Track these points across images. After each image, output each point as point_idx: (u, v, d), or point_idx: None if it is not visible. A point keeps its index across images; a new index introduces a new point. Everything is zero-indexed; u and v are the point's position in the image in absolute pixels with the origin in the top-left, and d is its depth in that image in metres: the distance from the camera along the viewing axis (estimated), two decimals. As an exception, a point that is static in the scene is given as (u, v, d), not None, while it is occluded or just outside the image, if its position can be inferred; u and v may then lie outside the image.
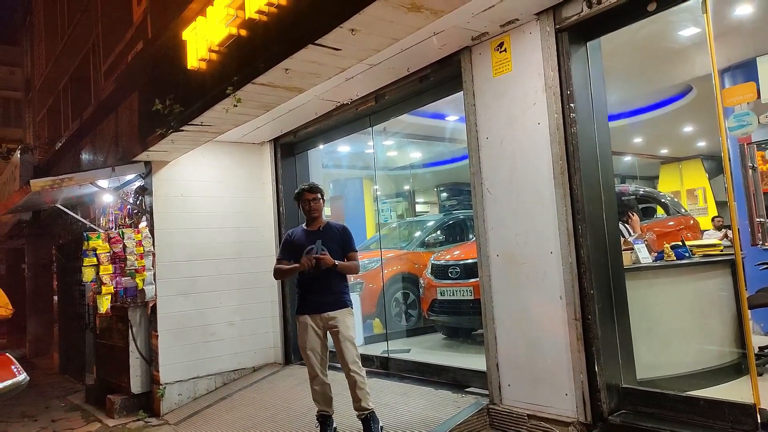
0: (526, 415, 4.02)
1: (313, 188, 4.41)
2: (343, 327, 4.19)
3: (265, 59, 4.14)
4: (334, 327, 4.19)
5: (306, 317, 4.26)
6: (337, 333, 4.19)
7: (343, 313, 4.24)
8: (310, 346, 4.23)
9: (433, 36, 4.21)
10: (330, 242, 4.29)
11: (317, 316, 4.23)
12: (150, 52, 6.40)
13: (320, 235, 4.32)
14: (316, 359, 4.23)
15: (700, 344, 4.46)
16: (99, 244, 6.40)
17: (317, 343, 4.24)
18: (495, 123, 4.30)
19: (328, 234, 4.35)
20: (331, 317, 4.20)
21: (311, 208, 4.36)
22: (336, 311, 4.22)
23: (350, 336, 4.20)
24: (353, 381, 4.13)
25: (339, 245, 4.32)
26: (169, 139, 5.58)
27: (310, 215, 4.39)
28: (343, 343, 4.16)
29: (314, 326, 4.23)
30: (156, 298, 6.25)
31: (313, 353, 4.23)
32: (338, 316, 4.21)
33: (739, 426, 3.23)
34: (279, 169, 7.03)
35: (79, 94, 10.18)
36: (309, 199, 4.36)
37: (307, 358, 4.25)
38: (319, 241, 4.27)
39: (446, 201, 13.09)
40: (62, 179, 6.17)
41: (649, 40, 5.24)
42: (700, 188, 13.50)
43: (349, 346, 4.16)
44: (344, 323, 4.21)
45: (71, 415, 6.88)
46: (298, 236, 4.41)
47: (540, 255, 3.98)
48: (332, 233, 4.36)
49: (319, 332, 4.25)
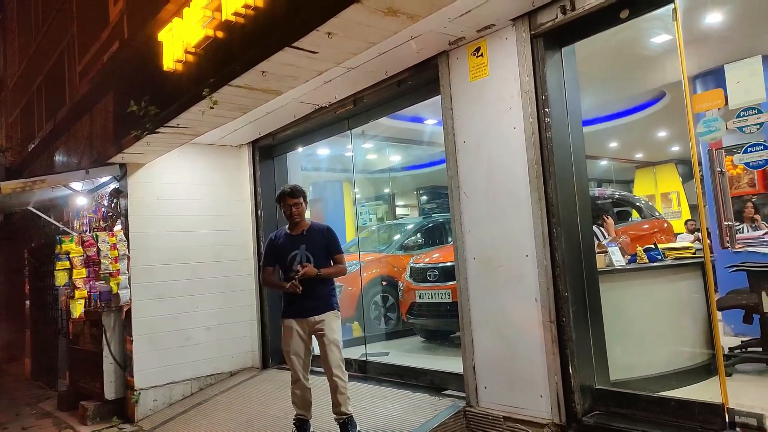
0: (502, 417, 4.05)
1: (295, 192, 4.28)
2: (329, 330, 4.15)
3: (241, 61, 4.12)
4: (320, 330, 4.15)
5: (292, 321, 4.20)
6: (322, 336, 4.14)
7: (329, 317, 4.20)
8: (294, 350, 4.18)
9: (411, 40, 4.24)
10: (314, 246, 4.23)
11: (303, 321, 4.18)
12: (126, 53, 6.32)
13: (303, 239, 4.26)
14: (299, 363, 4.18)
15: (672, 345, 4.54)
16: (72, 247, 6.29)
17: (301, 348, 4.19)
18: (472, 127, 4.33)
19: (312, 237, 4.28)
20: (318, 321, 4.16)
21: (292, 213, 4.27)
22: (322, 314, 4.17)
23: (335, 339, 4.16)
24: (335, 385, 4.10)
25: (323, 248, 4.27)
26: (144, 140, 5.51)
27: (292, 220, 4.30)
28: (328, 346, 4.12)
29: (300, 330, 4.18)
30: (131, 303, 6.16)
31: (297, 357, 4.18)
32: (325, 320, 4.17)
33: (708, 425, 3.29)
34: (257, 171, 7.00)
35: (54, 94, 10.00)
36: (290, 204, 4.25)
37: (290, 362, 4.20)
38: (303, 246, 4.21)
39: (426, 204, 13.14)
40: (34, 181, 6.05)
41: (623, 47, 5.34)
42: (674, 192, 13.79)
43: (334, 350, 4.13)
44: (330, 327, 4.17)
45: (43, 423, 6.73)
46: (282, 241, 4.33)
47: (516, 258, 4.02)
48: (316, 237, 4.29)
49: (304, 336, 4.20)
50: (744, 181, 6.23)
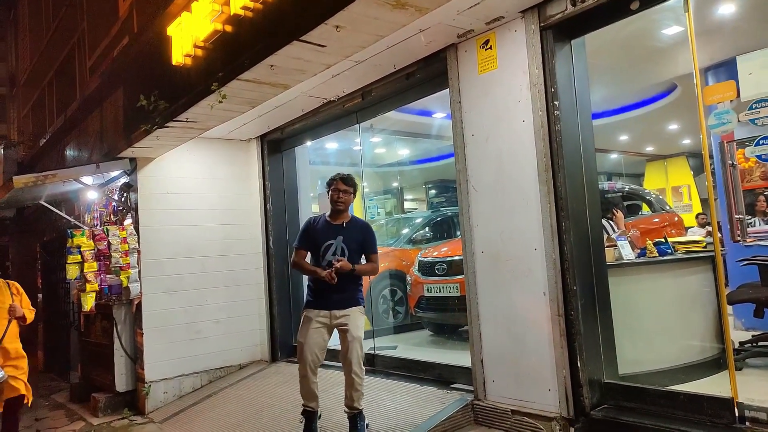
0: (510, 410, 4.06)
1: (348, 180, 4.25)
2: (353, 326, 4.10)
3: (250, 55, 4.12)
4: (344, 325, 4.10)
5: (314, 312, 4.14)
6: (346, 331, 4.08)
7: (354, 312, 4.15)
8: (310, 342, 4.10)
9: (419, 33, 4.22)
10: (351, 240, 4.19)
11: (327, 313, 4.12)
12: (135, 48, 6.35)
13: (342, 230, 4.20)
14: (311, 358, 4.09)
15: (681, 340, 4.52)
16: (83, 241, 6.34)
17: (318, 342, 4.11)
18: (480, 120, 4.32)
19: (351, 231, 4.22)
20: (342, 315, 4.11)
21: (339, 198, 4.20)
22: (347, 309, 4.12)
23: (359, 336, 4.11)
24: (352, 381, 4.06)
25: (359, 244, 4.22)
26: (154, 135, 5.54)
27: (336, 206, 4.23)
28: (351, 342, 4.06)
29: (321, 322, 4.12)
30: (141, 296, 6.22)
31: (310, 351, 4.09)
32: (350, 314, 4.12)
33: (718, 419, 3.28)
34: (266, 165, 7.01)
35: (64, 89, 10.07)
36: (340, 189, 4.21)
37: (302, 354, 4.12)
38: (341, 237, 4.17)
39: (434, 198, 13.12)
40: (46, 176, 6.11)
41: (633, 39, 5.29)
42: (685, 185, 13.66)
43: (357, 347, 4.07)
44: (354, 323, 4.12)
45: (55, 414, 6.82)
46: (320, 227, 4.26)
47: (524, 252, 4.01)
48: (354, 231, 4.24)
49: (324, 330, 4.14)
50: (756, 174, 6.16)
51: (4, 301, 4.53)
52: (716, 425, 3.27)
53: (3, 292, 4.58)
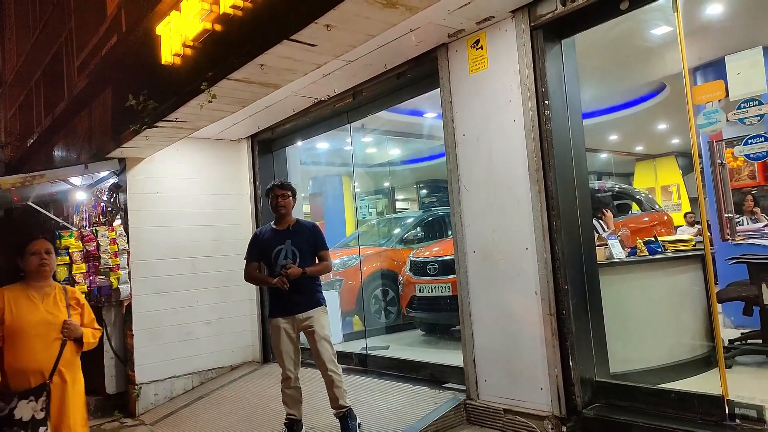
0: (502, 409, 4.06)
1: (284, 185, 4.33)
2: (318, 326, 4.16)
3: (240, 55, 4.10)
4: (310, 327, 4.15)
5: (279, 320, 4.19)
6: (312, 333, 4.14)
7: (317, 312, 4.20)
8: (283, 348, 4.17)
9: (410, 32, 4.22)
10: (300, 242, 4.23)
11: (291, 318, 4.17)
12: (124, 47, 6.29)
13: (289, 234, 4.25)
14: (289, 362, 4.18)
15: (672, 338, 4.55)
16: (72, 242, 6.27)
17: (290, 346, 4.18)
18: (471, 120, 4.32)
19: (298, 233, 4.27)
20: (306, 317, 4.16)
21: (278, 204, 4.26)
22: (310, 311, 4.17)
23: (326, 335, 4.17)
24: (330, 380, 4.10)
25: (310, 244, 4.26)
26: (143, 135, 5.50)
27: (278, 212, 4.29)
28: (319, 342, 4.12)
29: (287, 329, 4.17)
30: (131, 297, 6.17)
31: (287, 356, 4.18)
32: (313, 316, 4.17)
33: (708, 417, 3.30)
34: (256, 166, 6.98)
35: (52, 89, 9.97)
36: (278, 194, 4.27)
37: (281, 360, 4.21)
38: (289, 241, 4.21)
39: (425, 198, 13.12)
40: (33, 176, 6.04)
41: (623, 39, 5.32)
42: (674, 185, 13.77)
43: (326, 345, 4.14)
44: (319, 322, 4.18)
45: (44, 417, 6.75)
46: (267, 235, 4.32)
47: (516, 251, 4.02)
48: (302, 232, 4.28)
49: (293, 335, 4.19)
50: (744, 173, 6.22)
51: (56, 315, 3.17)
52: (707, 423, 3.29)
53: (56, 301, 3.22)
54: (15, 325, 3.04)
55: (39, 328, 3.08)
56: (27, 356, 3.03)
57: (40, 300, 3.17)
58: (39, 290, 3.21)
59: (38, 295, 3.19)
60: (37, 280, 3.22)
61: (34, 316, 3.10)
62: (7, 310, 3.06)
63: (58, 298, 3.24)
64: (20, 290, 3.17)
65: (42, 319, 3.10)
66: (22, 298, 3.13)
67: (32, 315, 3.09)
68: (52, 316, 3.15)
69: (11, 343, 3.03)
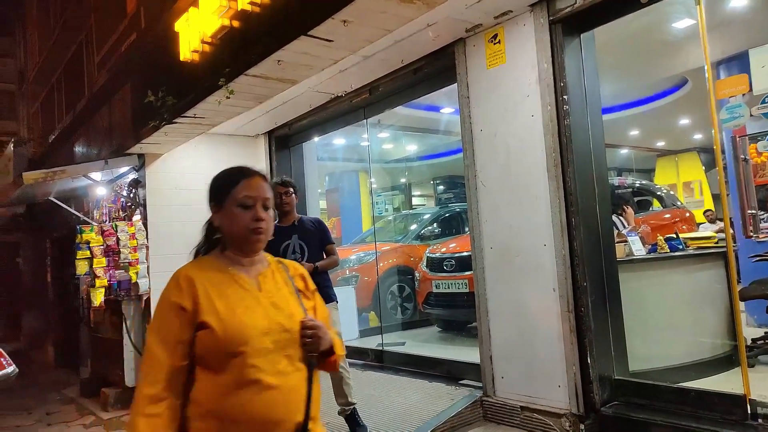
0: (519, 406, 4.04)
1: (286, 182, 4.30)
2: (330, 322, 4.14)
3: (257, 51, 4.11)
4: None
5: None
6: None
7: (329, 308, 4.19)
8: None
9: (427, 27, 4.19)
10: (307, 237, 4.19)
11: None
12: (143, 44, 6.36)
13: (295, 229, 4.22)
14: None
15: (692, 336, 4.48)
16: (92, 237, 6.38)
17: None
18: (489, 115, 4.29)
19: (304, 229, 4.24)
20: None
21: (283, 201, 4.21)
22: None
23: (337, 331, 4.16)
24: (339, 377, 4.06)
25: (316, 238, 4.24)
26: (162, 131, 5.55)
27: (282, 209, 4.24)
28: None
29: None
30: (150, 291, 6.24)
31: None
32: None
33: (729, 416, 3.24)
34: (274, 161, 7.01)
35: (73, 86, 10.12)
36: (281, 192, 4.21)
37: None
38: (295, 236, 4.19)
39: (442, 194, 13.08)
40: (55, 172, 6.14)
41: (644, 32, 5.22)
42: (696, 181, 13.55)
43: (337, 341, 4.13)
44: (330, 319, 4.16)
45: (66, 408, 6.88)
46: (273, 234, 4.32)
47: (533, 247, 3.98)
48: (307, 228, 4.25)
49: None
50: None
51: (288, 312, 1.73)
52: (728, 422, 3.24)
53: (278, 286, 1.79)
54: (226, 336, 1.58)
55: (267, 339, 1.62)
56: (254, 395, 1.57)
57: (255, 286, 1.72)
58: (249, 267, 1.76)
59: (249, 277, 1.73)
60: (248, 252, 1.76)
61: (255, 316, 1.64)
62: (206, 309, 1.61)
63: (278, 278, 1.80)
64: (218, 269, 1.72)
65: (271, 322, 1.65)
66: (226, 285, 1.68)
67: (252, 315, 1.64)
68: (283, 315, 1.69)
69: (220, 369, 1.58)
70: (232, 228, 1.73)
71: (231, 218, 1.73)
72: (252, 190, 1.75)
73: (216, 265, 1.74)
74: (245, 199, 1.73)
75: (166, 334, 1.61)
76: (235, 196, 1.73)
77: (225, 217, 1.75)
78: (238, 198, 1.73)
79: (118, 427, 5.75)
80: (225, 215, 1.75)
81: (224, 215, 1.75)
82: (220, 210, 1.77)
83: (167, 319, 1.62)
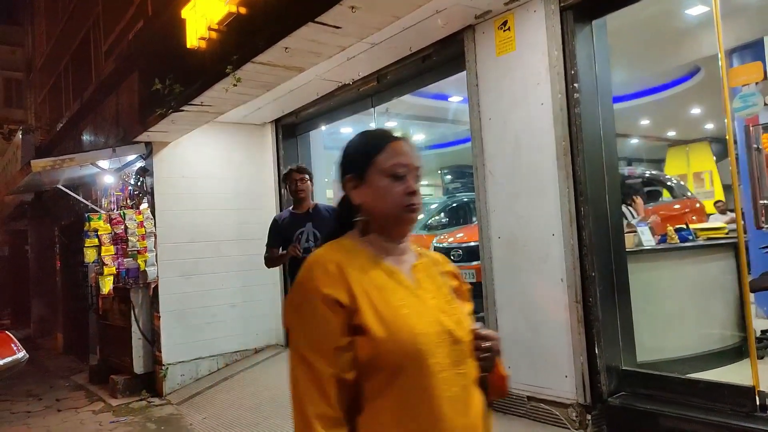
0: (526, 396, 4.03)
1: (301, 169, 4.32)
2: None
3: (264, 38, 4.08)
4: None
5: None
6: None
7: None
8: None
9: (436, 14, 4.14)
10: (321, 225, 4.20)
11: None
12: (150, 31, 6.33)
13: (310, 217, 4.23)
14: None
15: (701, 328, 4.45)
16: (100, 225, 6.39)
17: None
18: (498, 103, 4.24)
19: (319, 216, 4.25)
20: None
21: (298, 188, 4.25)
22: None
23: None
24: None
25: (330, 226, 4.24)
26: (169, 119, 5.54)
27: (297, 196, 4.28)
28: None
29: None
30: (158, 280, 6.27)
31: None
32: None
33: (739, 408, 3.22)
34: (280, 150, 7.00)
35: (80, 74, 10.11)
36: (296, 179, 4.25)
37: None
38: (310, 224, 4.20)
39: (449, 184, 13.04)
40: (63, 160, 6.15)
41: (656, 19, 5.15)
42: (707, 171, 13.42)
43: None
44: None
45: (75, 395, 6.95)
46: (287, 220, 4.30)
47: (542, 237, 3.95)
48: (322, 215, 4.26)
49: None
50: (781, 159, 6.00)
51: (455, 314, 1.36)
52: (737, 414, 3.21)
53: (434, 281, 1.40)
54: (394, 347, 1.23)
55: (440, 352, 1.27)
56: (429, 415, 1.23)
57: (411, 281, 1.36)
58: (399, 257, 1.40)
59: (403, 270, 1.37)
60: (397, 236, 1.40)
61: (423, 321, 1.29)
62: (364, 307, 1.26)
63: (434, 273, 1.43)
64: (366, 257, 1.35)
65: (441, 330, 1.30)
66: (383, 280, 1.32)
67: (419, 319, 1.28)
68: (452, 321, 1.34)
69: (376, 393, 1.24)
70: (379, 205, 1.34)
71: (377, 193, 1.34)
72: (403, 157, 1.37)
73: (362, 252, 1.34)
74: (396, 168, 1.35)
75: (320, 337, 1.22)
76: (382, 164, 1.35)
77: (368, 192, 1.36)
78: (386, 167, 1.35)
79: (126, 413, 5.80)
80: (368, 189, 1.36)
81: (367, 190, 1.36)
82: (360, 184, 1.37)
83: (317, 318, 1.22)
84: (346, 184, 1.41)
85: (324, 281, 1.24)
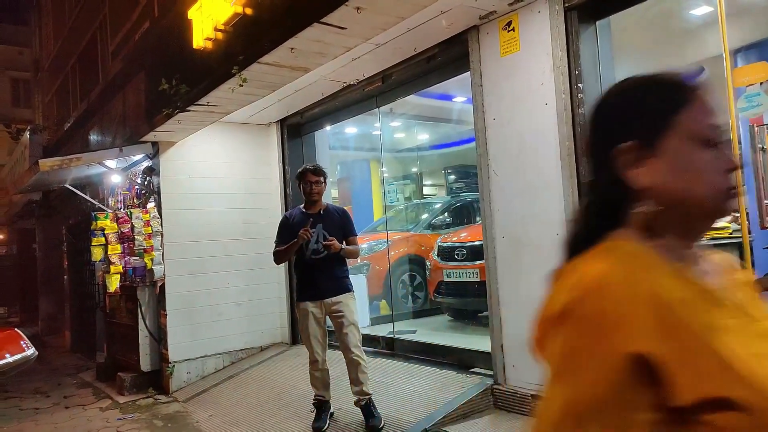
0: (530, 395, 4.05)
1: (318, 170, 4.31)
2: (348, 312, 4.18)
3: (270, 38, 4.12)
4: (339, 312, 4.17)
5: (307, 304, 4.22)
6: (341, 318, 4.16)
7: (346, 298, 4.22)
8: (312, 333, 4.21)
9: (441, 15, 4.17)
10: (330, 226, 4.24)
11: (319, 302, 4.20)
12: (156, 32, 6.38)
13: (320, 218, 4.26)
14: (317, 346, 4.22)
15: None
16: (107, 224, 6.45)
17: (318, 330, 4.23)
18: (502, 103, 4.26)
19: (329, 218, 4.28)
20: (335, 302, 4.18)
21: (312, 190, 4.26)
22: (339, 296, 4.20)
23: (355, 321, 4.20)
24: (357, 363, 4.11)
25: (339, 228, 4.28)
26: (175, 119, 5.59)
27: (311, 198, 4.30)
28: (347, 327, 4.14)
29: (315, 313, 4.21)
30: (164, 278, 6.32)
31: (315, 340, 4.22)
32: (342, 301, 4.19)
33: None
34: (286, 150, 7.03)
35: (87, 74, 10.18)
36: (312, 181, 4.26)
37: (309, 344, 4.25)
38: (320, 225, 4.23)
39: (453, 183, 13.02)
40: (70, 159, 6.21)
41: (661, 19, 5.15)
42: (710, 171, 13.35)
43: (354, 331, 4.16)
44: (349, 308, 4.20)
45: (83, 392, 7.01)
46: (297, 219, 4.31)
47: (546, 237, 3.97)
48: (333, 217, 4.30)
49: (320, 319, 4.23)
50: (786, 159, 5.99)
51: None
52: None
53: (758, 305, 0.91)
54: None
55: None
56: None
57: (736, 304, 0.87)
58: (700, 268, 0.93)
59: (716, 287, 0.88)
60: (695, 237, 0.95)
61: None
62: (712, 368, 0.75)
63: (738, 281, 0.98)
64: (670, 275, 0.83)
65: None
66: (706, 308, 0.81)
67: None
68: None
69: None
70: (691, 188, 0.87)
71: (686, 169, 0.87)
72: (716, 115, 0.91)
73: (661, 267, 0.84)
74: (711, 132, 0.89)
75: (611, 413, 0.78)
76: (691, 125, 0.88)
77: (665, 170, 0.88)
78: (698, 128, 0.88)
79: (133, 410, 5.85)
80: (665, 165, 0.88)
81: (662, 165, 0.88)
82: (648, 156, 0.89)
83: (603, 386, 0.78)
84: (619, 156, 0.90)
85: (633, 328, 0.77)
